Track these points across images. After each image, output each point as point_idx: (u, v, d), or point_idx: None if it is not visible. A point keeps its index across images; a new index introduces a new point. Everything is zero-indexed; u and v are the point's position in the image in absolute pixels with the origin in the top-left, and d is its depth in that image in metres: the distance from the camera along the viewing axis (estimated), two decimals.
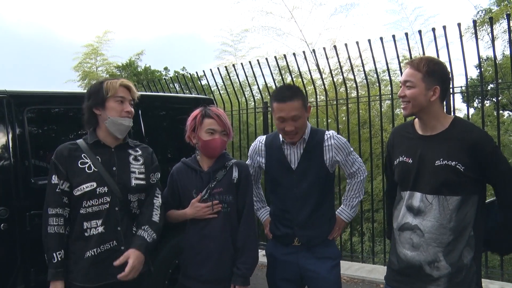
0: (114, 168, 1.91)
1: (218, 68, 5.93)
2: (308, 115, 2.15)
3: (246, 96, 6.17)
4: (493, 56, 4.54)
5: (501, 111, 12.27)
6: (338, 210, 2.29)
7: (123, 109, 1.91)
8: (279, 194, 2.20)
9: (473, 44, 4.16)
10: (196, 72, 6.44)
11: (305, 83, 5.65)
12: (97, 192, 1.84)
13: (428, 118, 1.75)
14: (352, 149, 2.24)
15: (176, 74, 13.03)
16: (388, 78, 4.97)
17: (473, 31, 4.18)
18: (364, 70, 4.95)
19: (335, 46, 5.00)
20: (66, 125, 2.87)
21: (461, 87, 4.80)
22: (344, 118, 6.85)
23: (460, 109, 11.52)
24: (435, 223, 1.68)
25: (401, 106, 1.82)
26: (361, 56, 4.70)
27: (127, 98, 1.94)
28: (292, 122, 2.03)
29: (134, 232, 1.91)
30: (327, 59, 4.90)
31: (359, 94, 5.01)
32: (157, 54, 34.87)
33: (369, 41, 4.51)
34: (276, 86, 5.99)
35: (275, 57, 5.42)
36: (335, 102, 5.37)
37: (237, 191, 2.03)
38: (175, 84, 7.27)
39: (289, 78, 7.49)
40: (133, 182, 1.93)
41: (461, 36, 3.97)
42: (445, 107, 2.83)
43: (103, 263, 1.83)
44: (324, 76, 6.87)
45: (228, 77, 6.11)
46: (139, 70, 16.17)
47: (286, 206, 2.15)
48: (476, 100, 13.58)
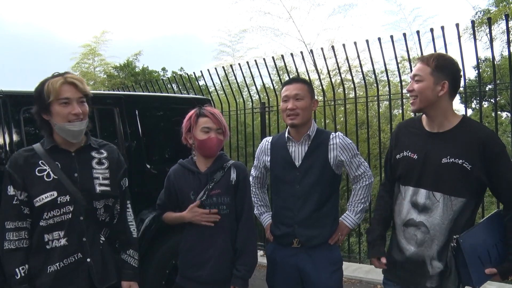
0: (75, 174, 1.72)
1: (216, 69, 5.91)
2: (314, 108, 2.22)
3: (244, 96, 6.16)
4: (491, 57, 4.54)
5: (499, 112, 12.29)
6: (342, 216, 2.25)
7: (69, 112, 1.66)
8: (282, 192, 2.19)
9: (472, 45, 4.18)
10: (194, 73, 6.41)
11: None
12: (59, 202, 1.65)
13: (435, 115, 1.74)
14: (358, 152, 2.23)
15: (174, 75, 13.03)
16: (386, 78, 4.97)
17: (472, 31, 4.17)
18: (362, 71, 4.94)
19: (333, 47, 5.01)
20: None
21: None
22: (342, 119, 6.84)
23: (458, 110, 11.45)
24: (439, 221, 1.69)
25: (410, 101, 1.81)
26: (359, 57, 4.69)
27: (74, 98, 1.67)
28: (294, 101, 2.10)
29: (102, 242, 1.77)
30: (325, 59, 4.88)
31: (357, 94, 5.00)
32: (155, 55, 34.88)
33: (367, 41, 4.51)
34: (274, 86, 5.99)
35: (273, 57, 5.41)
36: (333, 103, 5.36)
37: (236, 193, 2.01)
38: (173, 85, 7.26)
39: (287, 79, 7.46)
40: (98, 188, 1.74)
41: (459, 37, 3.97)
42: None
43: (67, 277, 1.69)
44: (322, 76, 6.87)
45: (226, 77, 6.09)
46: (137, 70, 16.18)
47: (287, 204, 2.15)
48: (474, 101, 13.61)
